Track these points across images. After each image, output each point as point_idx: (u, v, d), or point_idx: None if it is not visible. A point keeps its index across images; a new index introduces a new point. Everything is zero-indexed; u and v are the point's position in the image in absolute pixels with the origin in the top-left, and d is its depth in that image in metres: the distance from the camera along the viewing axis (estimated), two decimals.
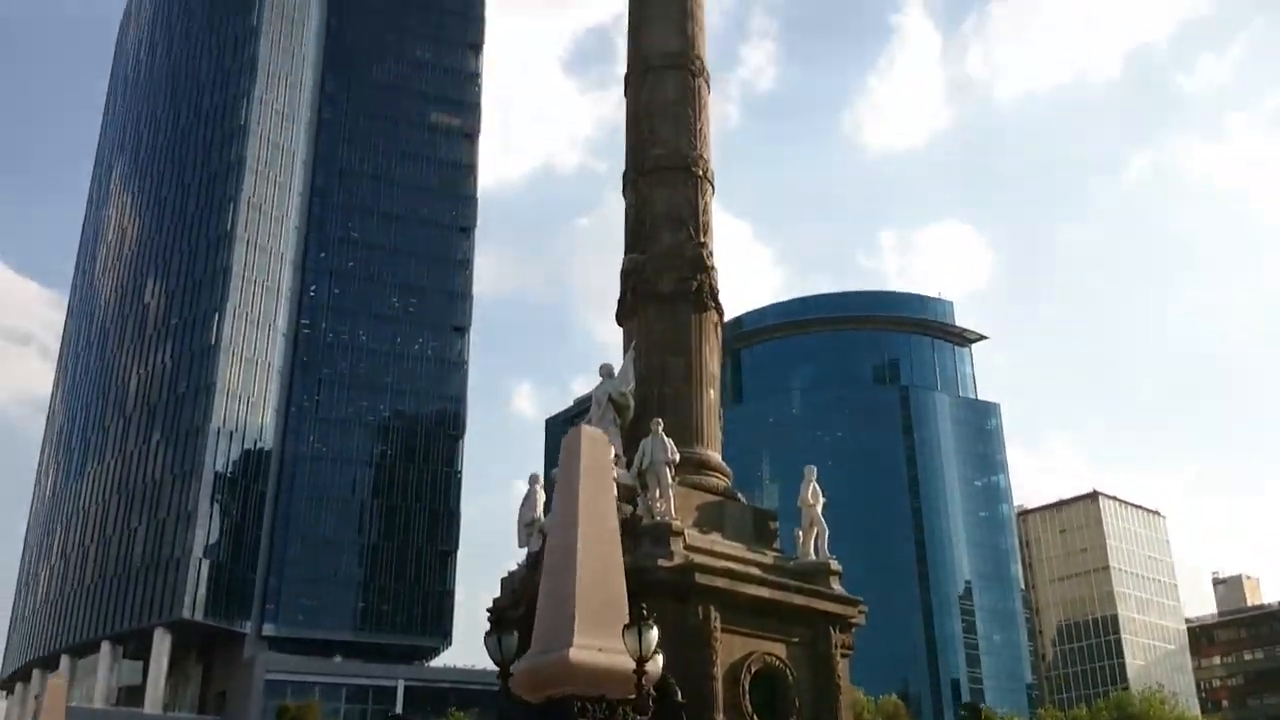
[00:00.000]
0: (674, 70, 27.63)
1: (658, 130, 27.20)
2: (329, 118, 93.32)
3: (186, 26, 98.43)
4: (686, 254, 25.90)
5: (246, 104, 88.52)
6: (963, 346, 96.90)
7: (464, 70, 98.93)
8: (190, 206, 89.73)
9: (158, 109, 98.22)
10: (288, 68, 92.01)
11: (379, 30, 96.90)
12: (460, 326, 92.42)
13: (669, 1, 28.37)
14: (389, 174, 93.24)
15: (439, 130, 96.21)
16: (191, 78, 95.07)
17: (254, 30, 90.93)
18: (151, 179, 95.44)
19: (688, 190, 26.59)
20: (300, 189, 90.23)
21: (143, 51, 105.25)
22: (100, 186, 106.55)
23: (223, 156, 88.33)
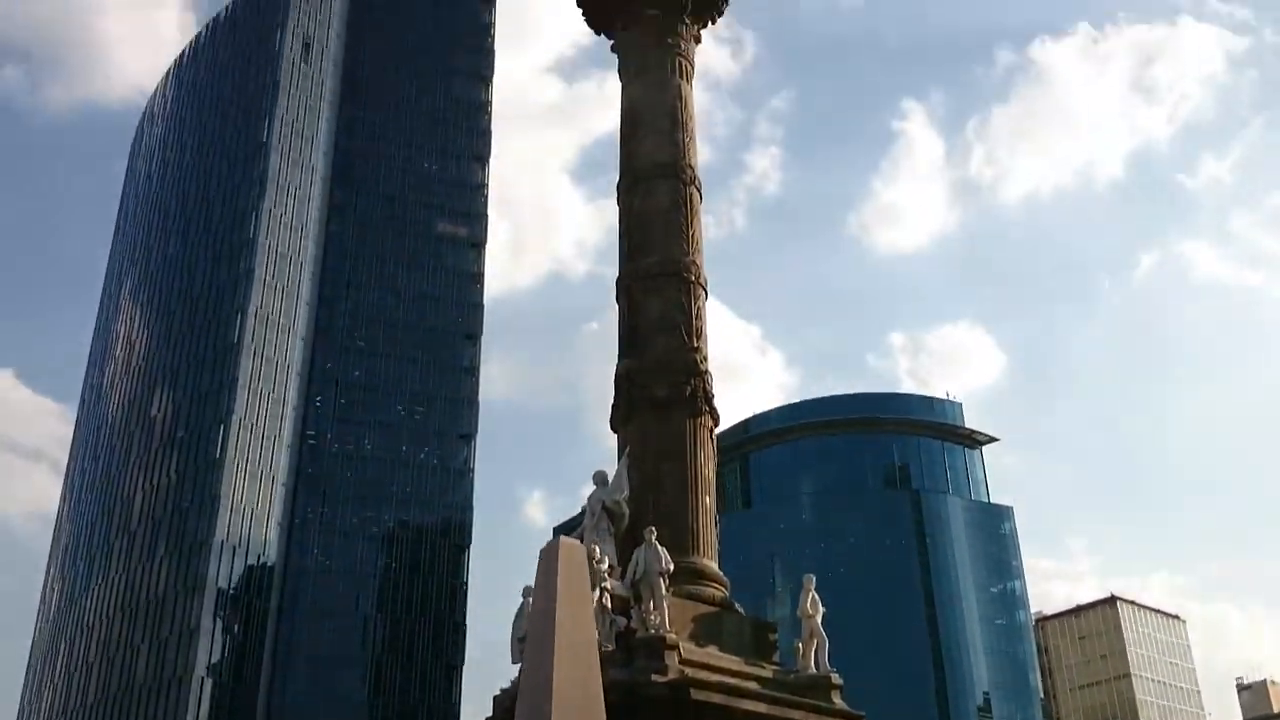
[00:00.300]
0: (665, 179, 27.80)
1: (650, 237, 27.27)
2: (337, 229, 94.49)
3: (199, 142, 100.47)
4: (680, 359, 25.71)
5: (255, 217, 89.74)
6: (973, 449, 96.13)
7: (470, 182, 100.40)
8: (198, 319, 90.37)
9: (168, 222, 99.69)
10: (297, 181, 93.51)
11: (387, 144, 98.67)
12: (466, 434, 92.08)
13: (659, 112, 28.68)
14: (395, 283, 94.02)
15: (445, 240, 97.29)
16: (202, 192, 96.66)
17: (264, 146, 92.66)
18: (161, 291, 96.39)
19: (681, 296, 26.52)
20: (308, 299, 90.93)
21: (154, 166, 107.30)
22: (110, 300, 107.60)
23: (231, 269, 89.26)
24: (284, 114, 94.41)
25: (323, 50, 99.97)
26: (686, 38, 29.98)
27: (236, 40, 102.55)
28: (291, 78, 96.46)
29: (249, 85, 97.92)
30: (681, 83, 29.34)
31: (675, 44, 29.58)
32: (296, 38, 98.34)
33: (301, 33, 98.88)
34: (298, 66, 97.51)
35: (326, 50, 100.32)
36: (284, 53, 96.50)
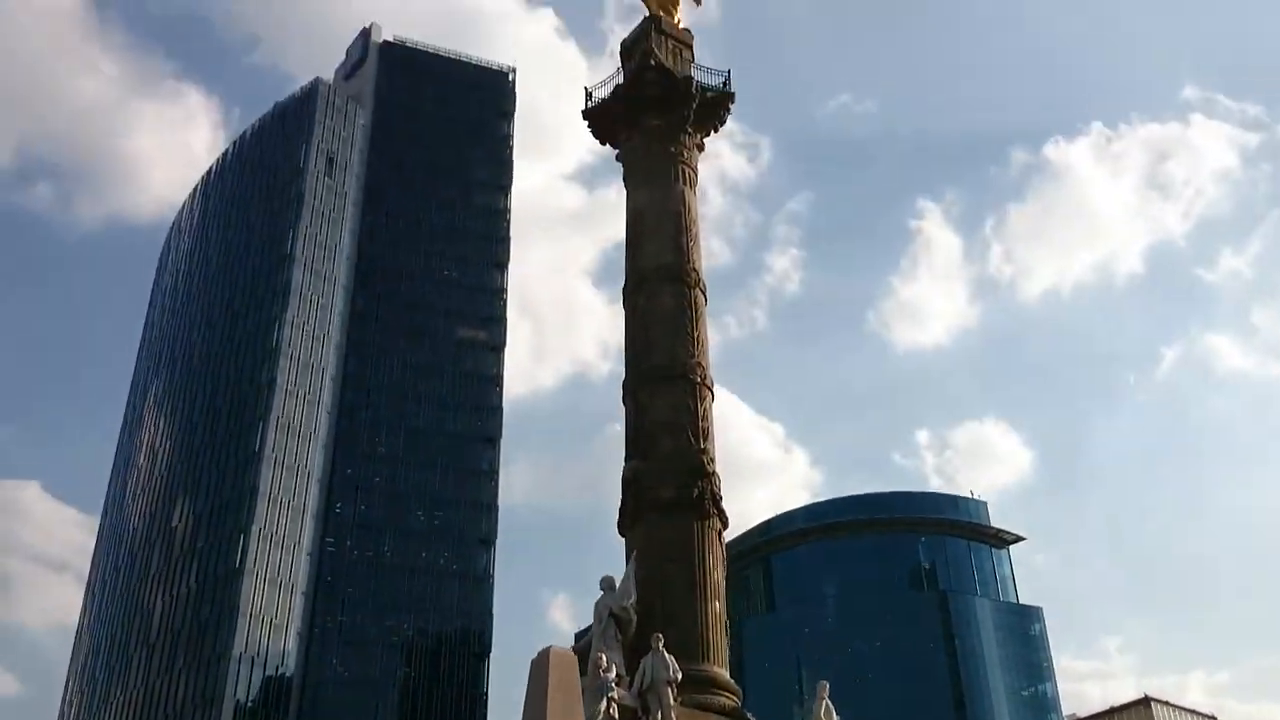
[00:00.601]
0: (669, 282, 28.15)
1: (655, 340, 27.49)
2: (358, 337, 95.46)
3: (224, 255, 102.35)
4: (687, 461, 25.69)
5: (279, 327, 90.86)
6: (1000, 548, 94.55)
7: (490, 287, 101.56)
8: (220, 428, 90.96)
9: (193, 333, 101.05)
10: (320, 290, 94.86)
11: (408, 253, 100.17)
12: (486, 539, 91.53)
13: (663, 218, 29.17)
14: (416, 389, 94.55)
15: (465, 345, 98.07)
16: (226, 303, 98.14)
17: (288, 257, 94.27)
18: (184, 400, 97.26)
19: (686, 397, 26.62)
20: (329, 406, 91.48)
21: (180, 279, 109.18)
22: (134, 409, 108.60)
23: (254, 378, 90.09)
24: (307, 226, 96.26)
25: (346, 164, 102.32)
26: (689, 146, 30.65)
27: (263, 156, 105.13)
28: (315, 191, 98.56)
29: (274, 199, 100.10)
30: (685, 189, 29.89)
31: (678, 152, 30.26)
32: (321, 153, 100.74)
33: (326, 148, 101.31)
34: (321, 180, 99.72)
35: (349, 164, 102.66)
36: (308, 167, 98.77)
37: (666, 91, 30.27)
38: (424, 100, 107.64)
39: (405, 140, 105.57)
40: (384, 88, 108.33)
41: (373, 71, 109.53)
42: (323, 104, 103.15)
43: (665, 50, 31.28)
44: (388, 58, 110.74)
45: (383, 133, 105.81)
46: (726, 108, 31.69)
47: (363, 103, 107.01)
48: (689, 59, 31.97)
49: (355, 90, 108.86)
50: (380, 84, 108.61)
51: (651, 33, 31.27)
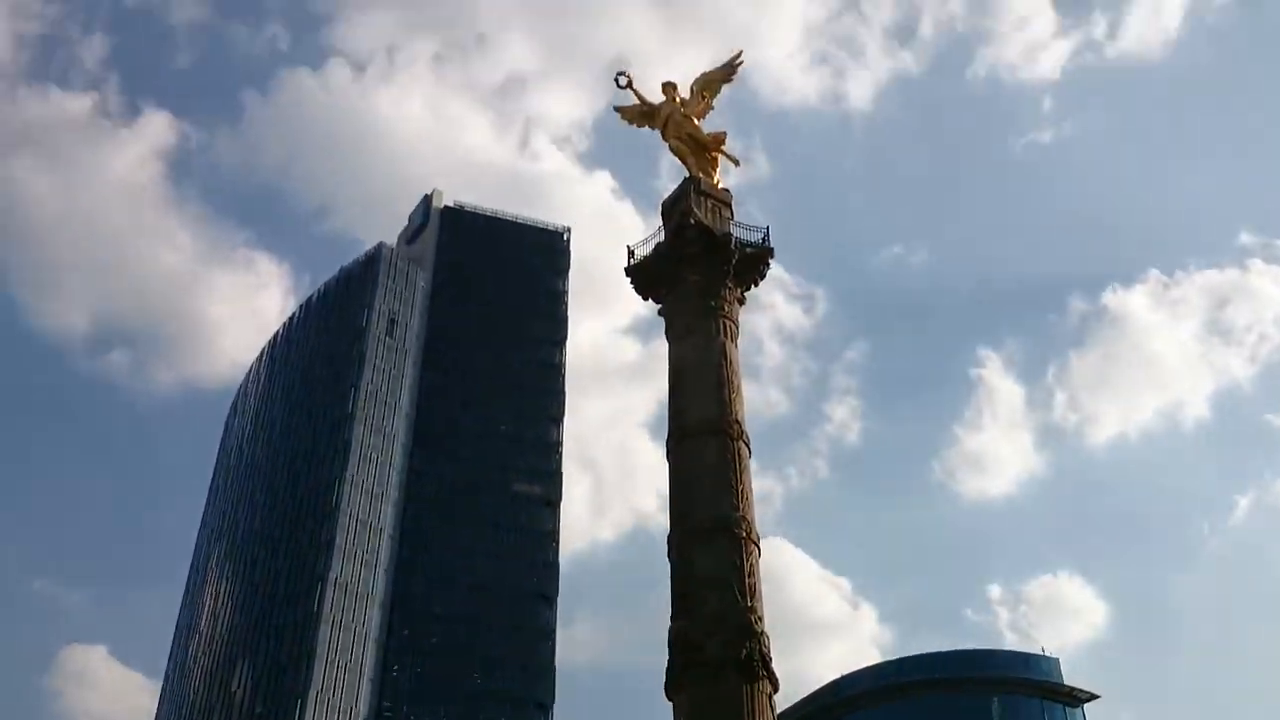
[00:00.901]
0: (712, 435, 27.99)
1: (698, 494, 27.23)
2: (416, 494, 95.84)
3: (287, 416, 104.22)
4: (733, 620, 25.08)
5: (338, 486, 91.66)
6: (1074, 706, 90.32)
7: (545, 441, 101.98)
8: (280, 589, 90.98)
9: (255, 495, 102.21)
10: (379, 448, 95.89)
11: (465, 409, 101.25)
12: (544, 703, 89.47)
13: (704, 370, 29.22)
14: (472, 545, 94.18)
15: (521, 499, 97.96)
16: (288, 464, 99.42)
17: (349, 416, 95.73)
18: (245, 564, 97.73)
19: (732, 553, 26.15)
20: (386, 565, 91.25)
21: (245, 441, 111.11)
22: (198, 573, 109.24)
23: (313, 539, 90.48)
24: (368, 385, 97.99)
25: (406, 324, 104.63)
26: (729, 300, 30.90)
27: (327, 319, 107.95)
28: (376, 350, 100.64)
29: (336, 360, 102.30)
30: (726, 342, 30.00)
31: (719, 306, 30.49)
32: (382, 315, 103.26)
33: (387, 310, 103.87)
34: (382, 340, 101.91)
35: (410, 324, 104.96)
36: (370, 328, 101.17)
37: (706, 248, 30.74)
38: (482, 260, 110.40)
39: (463, 299, 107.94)
40: (444, 250, 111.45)
41: (434, 235, 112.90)
42: (385, 267, 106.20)
43: (704, 209, 31.89)
44: (448, 221, 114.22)
45: (442, 293, 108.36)
46: (766, 262, 32.04)
47: (423, 265, 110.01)
48: (728, 217, 32.52)
49: (417, 253, 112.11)
50: (440, 246, 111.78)
51: (691, 192, 31.97)
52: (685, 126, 34.74)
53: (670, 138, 34.90)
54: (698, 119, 35.30)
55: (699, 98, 35.43)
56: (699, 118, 35.38)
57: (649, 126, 35.80)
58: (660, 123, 35.02)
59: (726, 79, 36.35)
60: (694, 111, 35.20)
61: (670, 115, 34.84)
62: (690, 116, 35.06)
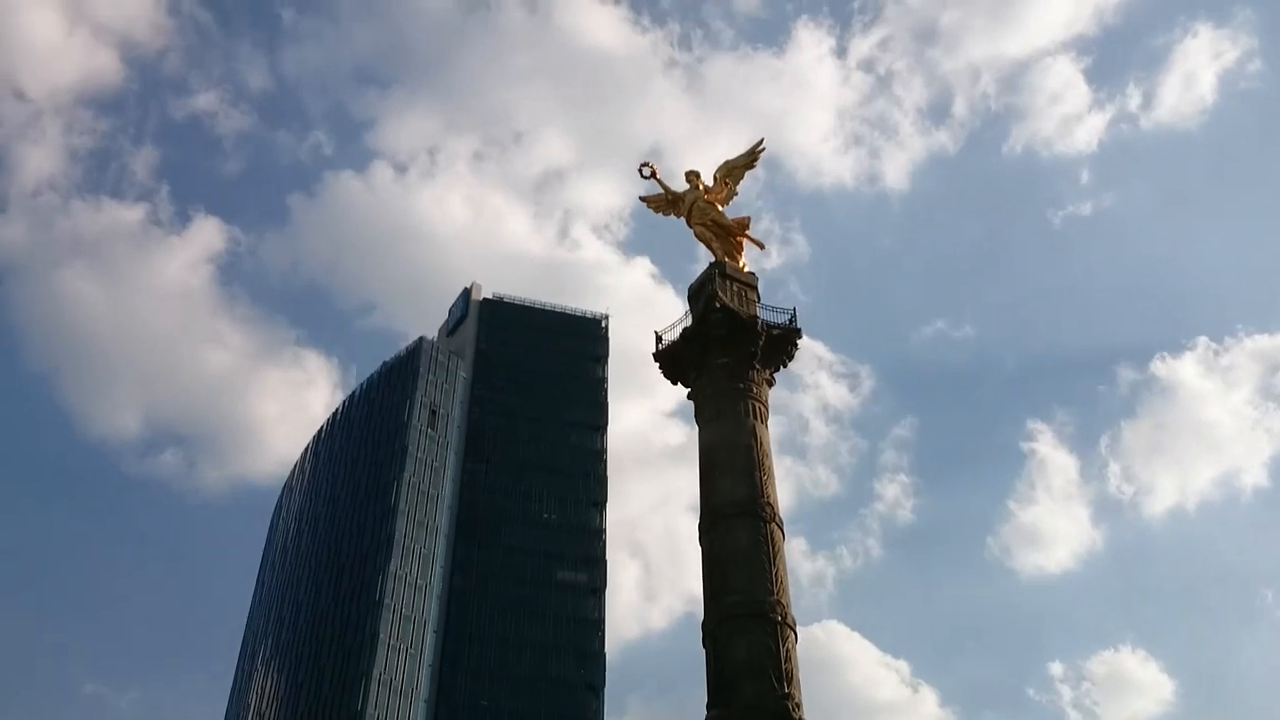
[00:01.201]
0: (744, 517, 27.87)
1: (731, 578, 27.02)
2: (459, 585, 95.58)
3: (331, 511, 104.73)
4: (769, 707, 24.75)
5: (381, 580, 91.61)
6: None
7: (589, 527, 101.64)
8: (325, 686, 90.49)
9: (300, 592, 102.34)
10: (421, 540, 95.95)
11: (508, 497, 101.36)
12: None
13: (735, 452, 29.19)
14: (517, 636, 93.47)
15: (566, 588, 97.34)
16: (333, 559, 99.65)
17: (391, 510, 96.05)
18: (290, 660, 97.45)
19: (767, 638, 25.86)
20: (430, 660, 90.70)
21: (290, 537, 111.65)
22: (244, 671, 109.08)
23: (357, 634, 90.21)
24: (410, 477, 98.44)
25: (448, 415, 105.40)
26: (758, 382, 30.97)
27: (370, 413, 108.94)
28: (418, 443, 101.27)
29: (379, 453, 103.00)
30: (756, 424, 30.00)
31: (747, 389, 30.57)
32: (424, 407, 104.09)
33: (429, 402, 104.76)
34: (424, 432, 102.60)
35: (451, 415, 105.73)
36: (412, 421, 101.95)
37: (732, 331, 30.93)
38: (521, 350, 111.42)
39: (503, 389, 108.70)
40: (483, 340, 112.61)
41: (473, 326, 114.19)
42: (426, 360, 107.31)
43: (730, 292, 32.17)
44: (486, 312, 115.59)
45: (482, 383, 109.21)
46: (794, 343, 32.15)
47: (464, 356, 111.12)
48: (754, 299, 32.77)
49: (457, 345, 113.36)
50: (480, 337, 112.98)
51: (716, 276, 32.28)
52: (709, 213, 35.26)
53: (695, 224, 35.41)
54: (721, 205, 35.83)
55: (722, 184, 36.01)
56: (723, 204, 35.91)
57: (674, 215, 36.41)
58: (685, 210, 35.60)
59: (750, 165, 36.95)
60: (717, 198, 35.76)
61: (694, 202, 35.41)
62: (714, 203, 35.61)
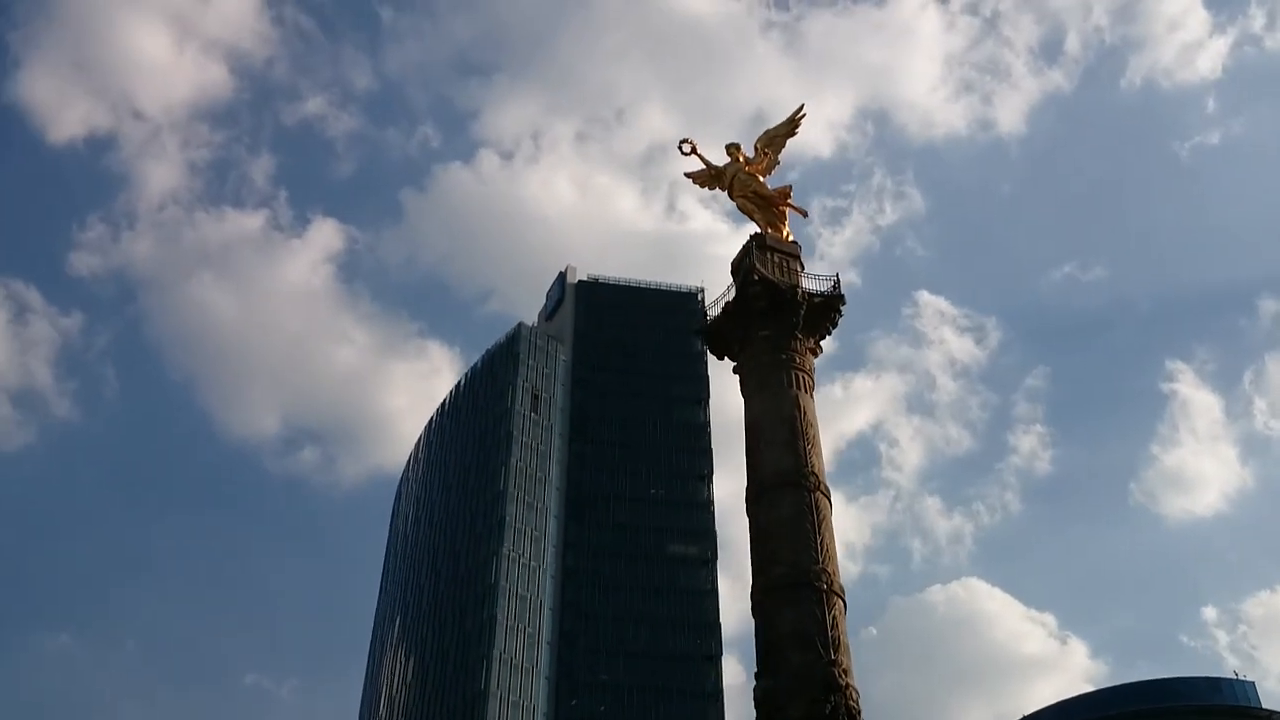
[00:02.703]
0: (789, 488, 28.06)
1: (777, 550, 27.28)
2: (572, 564, 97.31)
3: (445, 499, 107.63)
4: (817, 675, 24.98)
5: (496, 563, 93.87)
6: None
7: (696, 501, 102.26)
8: (449, 668, 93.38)
9: (421, 577, 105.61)
10: (532, 523, 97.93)
11: (614, 475, 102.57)
12: None
13: (778, 423, 29.36)
14: (632, 612, 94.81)
15: (677, 561, 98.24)
16: (449, 543, 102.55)
17: (501, 494, 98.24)
18: (416, 644, 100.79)
19: (813, 607, 26.08)
20: (548, 638, 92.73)
21: (409, 524, 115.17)
22: (375, 656, 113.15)
23: (476, 616, 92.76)
24: (517, 462, 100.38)
25: (550, 400, 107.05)
26: (801, 352, 31.02)
27: (475, 401, 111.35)
28: (523, 428, 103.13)
29: (486, 440, 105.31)
30: (800, 393, 30.10)
31: (790, 359, 30.67)
32: (526, 392, 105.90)
33: (530, 387, 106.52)
34: (528, 417, 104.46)
35: (553, 399, 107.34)
36: (515, 407, 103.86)
37: (772, 303, 31.03)
38: (618, 329, 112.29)
39: (603, 369, 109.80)
40: (581, 323, 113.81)
41: (570, 309, 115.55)
42: (526, 346, 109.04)
43: (770, 264, 32.23)
44: (583, 295, 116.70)
45: (583, 365, 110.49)
46: (838, 310, 32.11)
47: (563, 340, 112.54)
48: (797, 269, 32.76)
49: (556, 329, 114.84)
50: (578, 319, 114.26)
51: (754, 249, 32.35)
52: (750, 184, 35.34)
53: (737, 197, 35.55)
54: (763, 175, 35.87)
55: (762, 155, 36.02)
56: (764, 174, 35.95)
57: (718, 188, 36.56)
58: (726, 184, 35.75)
59: (790, 133, 36.91)
60: (758, 169, 35.79)
61: (735, 175, 35.52)
62: (755, 174, 35.65)
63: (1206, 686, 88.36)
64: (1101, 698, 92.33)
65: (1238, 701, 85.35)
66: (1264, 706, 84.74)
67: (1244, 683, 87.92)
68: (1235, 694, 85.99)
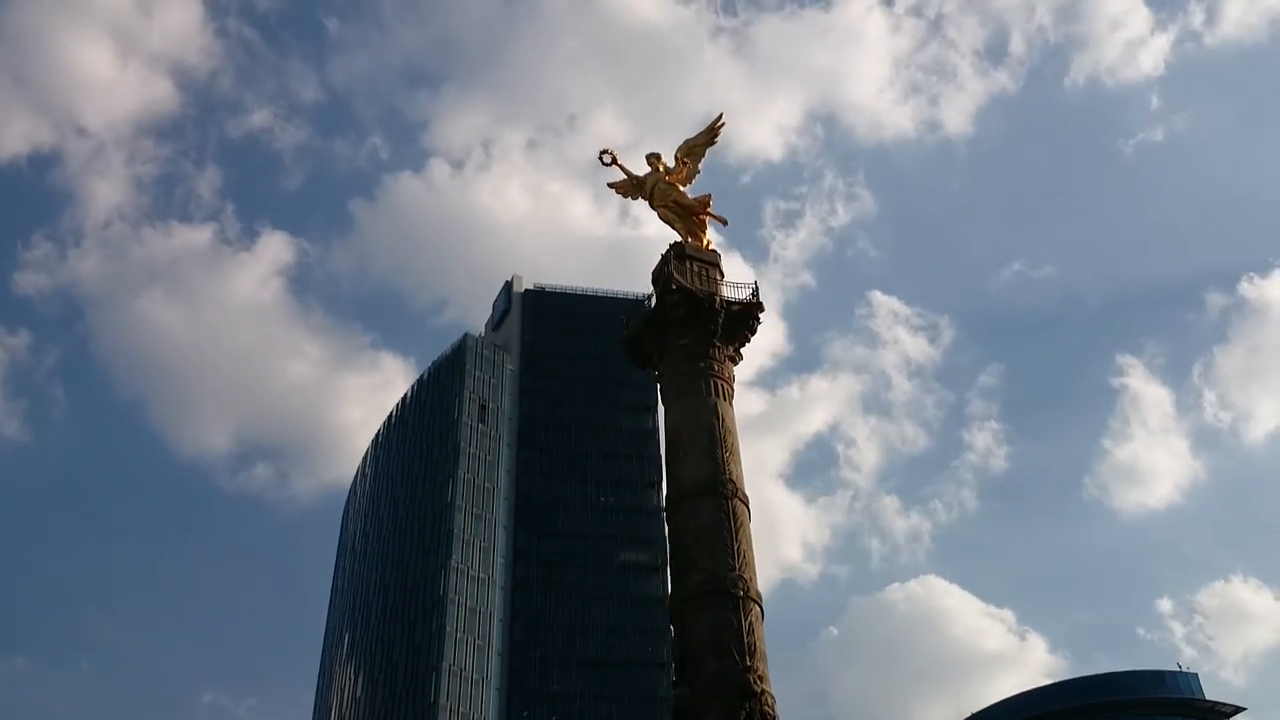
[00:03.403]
0: (707, 496, 28.18)
1: (695, 557, 27.37)
2: (523, 575, 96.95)
3: (393, 512, 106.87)
4: (732, 681, 25.06)
5: (444, 575, 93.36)
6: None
7: (645, 508, 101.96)
8: (399, 682, 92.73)
9: (370, 592, 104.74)
10: (481, 534, 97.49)
11: (563, 484, 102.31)
12: None
13: (697, 431, 29.48)
14: (583, 620, 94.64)
15: (628, 568, 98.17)
16: (397, 557, 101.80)
17: (449, 506, 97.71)
18: (365, 658, 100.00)
19: (730, 614, 26.18)
20: (499, 649, 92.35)
21: (357, 540, 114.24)
22: (325, 671, 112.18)
23: (425, 629, 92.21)
24: (465, 473, 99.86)
25: (497, 410, 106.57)
26: (720, 360, 31.15)
27: (422, 414, 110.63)
28: (470, 439, 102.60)
29: (433, 451, 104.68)
30: (719, 401, 30.23)
31: (709, 367, 30.79)
32: (473, 403, 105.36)
33: (477, 398, 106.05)
34: (476, 428, 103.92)
35: (501, 409, 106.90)
36: (462, 418, 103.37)
37: (690, 312, 31.16)
38: (566, 337, 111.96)
39: (551, 378, 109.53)
40: (528, 332, 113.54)
41: (517, 318, 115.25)
42: (472, 356, 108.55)
43: (690, 273, 32.36)
44: (530, 304, 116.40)
45: (530, 374, 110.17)
46: (755, 317, 32.29)
47: (510, 349, 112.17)
48: (716, 277, 32.91)
49: (502, 339, 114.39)
50: (524, 329, 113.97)
51: (672, 259, 32.48)
52: (670, 194, 35.50)
53: (657, 206, 35.69)
54: (683, 185, 36.05)
55: (682, 164, 36.19)
56: (684, 183, 36.13)
57: (639, 198, 36.67)
58: (647, 193, 35.86)
59: (710, 143, 37.14)
60: (678, 178, 35.97)
61: (655, 185, 35.65)
62: (675, 184, 35.82)
63: (1152, 679, 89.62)
64: (1049, 693, 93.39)
65: (1181, 694, 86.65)
66: (1207, 698, 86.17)
67: (1188, 674, 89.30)
68: (1179, 686, 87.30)
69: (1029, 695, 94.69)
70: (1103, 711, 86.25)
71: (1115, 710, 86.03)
